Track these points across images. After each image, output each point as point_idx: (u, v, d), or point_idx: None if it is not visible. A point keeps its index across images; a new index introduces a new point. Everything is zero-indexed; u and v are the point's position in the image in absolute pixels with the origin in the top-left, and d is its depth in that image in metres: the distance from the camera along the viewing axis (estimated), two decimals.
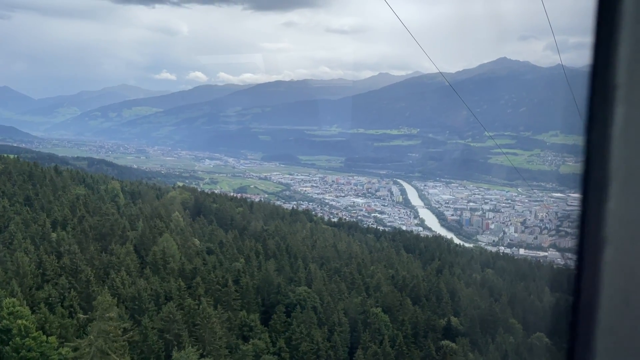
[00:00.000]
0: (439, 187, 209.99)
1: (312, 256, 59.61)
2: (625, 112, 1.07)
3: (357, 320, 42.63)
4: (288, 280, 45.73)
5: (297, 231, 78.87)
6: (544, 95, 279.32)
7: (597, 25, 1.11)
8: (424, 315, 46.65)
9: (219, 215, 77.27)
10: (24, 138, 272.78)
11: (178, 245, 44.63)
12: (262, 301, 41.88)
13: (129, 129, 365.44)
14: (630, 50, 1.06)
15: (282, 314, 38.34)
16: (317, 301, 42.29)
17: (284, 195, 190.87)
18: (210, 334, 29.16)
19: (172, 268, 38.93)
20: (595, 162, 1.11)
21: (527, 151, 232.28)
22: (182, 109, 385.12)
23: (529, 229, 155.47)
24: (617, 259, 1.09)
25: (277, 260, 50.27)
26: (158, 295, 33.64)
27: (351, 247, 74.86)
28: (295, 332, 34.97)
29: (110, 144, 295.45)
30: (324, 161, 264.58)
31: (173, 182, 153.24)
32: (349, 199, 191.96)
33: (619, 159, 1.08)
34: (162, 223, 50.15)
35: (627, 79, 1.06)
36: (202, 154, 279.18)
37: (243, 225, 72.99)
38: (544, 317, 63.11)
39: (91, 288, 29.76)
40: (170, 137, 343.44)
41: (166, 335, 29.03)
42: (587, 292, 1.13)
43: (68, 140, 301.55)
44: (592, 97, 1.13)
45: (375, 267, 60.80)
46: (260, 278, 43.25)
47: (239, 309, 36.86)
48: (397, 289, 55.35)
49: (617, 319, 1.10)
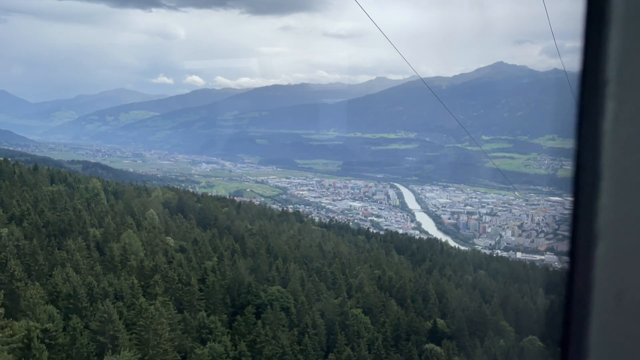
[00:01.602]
0: (436, 191, 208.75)
1: (295, 256, 56.93)
2: (616, 108, 1.07)
3: (334, 321, 39.87)
4: (263, 280, 42.99)
5: (283, 231, 76.49)
6: (541, 99, 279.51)
7: (587, 21, 1.11)
8: (408, 317, 43.83)
9: (203, 214, 74.99)
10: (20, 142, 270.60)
11: (143, 242, 41.96)
12: (232, 301, 39.12)
13: (126, 132, 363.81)
14: (620, 46, 1.06)
15: (252, 315, 35.58)
16: (290, 301, 39.57)
17: (281, 199, 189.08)
18: (155, 337, 26.32)
19: (132, 265, 36.22)
20: (587, 158, 1.11)
21: (524, 155, 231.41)
22: (179, 113, 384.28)
23: (526, 232, 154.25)
24: (609, 255, 1.09)
25: (253, 259, 47.52)
26: (106, 294, 30.84)
27: (338, 247, 72.26)
28: (261, 335, 32.17)
29: (107, 147, 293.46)
30: (321, 165, 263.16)
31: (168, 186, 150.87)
32: (345, 202, 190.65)
33: (610, 155, 1.08)
34: (133, 220, 47.46)
35: (617, 75, 1.07)
36: (199, 157, 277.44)
37: (226, 225, 70.49)
38: (537, 319, 60.57)
39: (15, 284, 26.97)
40: (167, 140, 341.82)
41: (100, 337, 26.14)
42: (579, 289, 1.13)
43: (64, 144, 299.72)
44: (582, 93, 1.13)
45: (360, 267, 58.11)
46: (231, 277, 40.50)
47: (203, 310, 34.14)
48: (382, 289, 52.66)
49: (610, 315, 1.10)
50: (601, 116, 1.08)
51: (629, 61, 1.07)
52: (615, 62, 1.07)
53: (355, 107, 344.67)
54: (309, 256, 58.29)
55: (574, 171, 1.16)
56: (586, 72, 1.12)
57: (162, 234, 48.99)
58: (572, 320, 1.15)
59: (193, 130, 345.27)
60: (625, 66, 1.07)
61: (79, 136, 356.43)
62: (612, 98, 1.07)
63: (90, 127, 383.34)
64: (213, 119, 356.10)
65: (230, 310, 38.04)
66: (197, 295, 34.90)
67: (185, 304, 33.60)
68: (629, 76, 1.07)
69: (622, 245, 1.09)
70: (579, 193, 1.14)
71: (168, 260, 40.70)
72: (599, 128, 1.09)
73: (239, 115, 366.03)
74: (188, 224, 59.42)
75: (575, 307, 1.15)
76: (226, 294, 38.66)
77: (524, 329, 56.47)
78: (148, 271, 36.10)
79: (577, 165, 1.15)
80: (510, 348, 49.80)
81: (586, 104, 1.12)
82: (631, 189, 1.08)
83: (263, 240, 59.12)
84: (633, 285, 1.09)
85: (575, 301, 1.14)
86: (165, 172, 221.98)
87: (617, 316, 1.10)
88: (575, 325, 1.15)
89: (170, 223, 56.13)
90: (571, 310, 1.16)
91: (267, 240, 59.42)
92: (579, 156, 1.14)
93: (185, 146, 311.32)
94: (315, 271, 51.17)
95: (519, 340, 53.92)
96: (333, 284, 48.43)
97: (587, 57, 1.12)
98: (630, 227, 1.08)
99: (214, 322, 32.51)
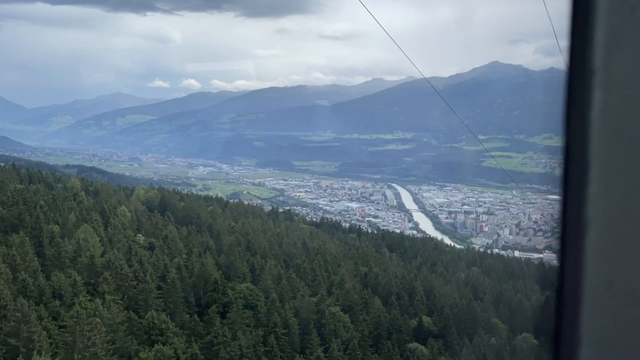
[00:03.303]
0: (433, 191, 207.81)
1: (276, 253, 54.15)
2: (603, 97, 1.07)
3: (310, 320, 37.04)
4: (236, 277, 40.12)
5: (268, 229, 73.87)
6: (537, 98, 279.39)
7: (574, 10, 1.11)
8: (390, 315, 40.95)
9: (185, 213, 72.51)
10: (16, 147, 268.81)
11: (102, 238, 39.13)
12: (198, 300, 36.31)
13: (122, 137, 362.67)
14: (606, 35, 1.06)
15: (216, 315, 32.77)
16: (261, 299, 36.74)
17: (278, 201, 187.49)
18: (82, 339, 23.38)
19: (82, 262, 33.40)
20: (575, 147, 1.11)
21: (521, 154, 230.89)
22: (176, 117, 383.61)
23: (524, 231, 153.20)
24: (599, 244, 1.09)
25: (227, 256, 44.68)
26: (42, 292, 27.92)
27: (326, 245, 69.55)
28: (219, 336, 29.32)
29: (103, 152, 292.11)
30: (319, 166, 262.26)
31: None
32: (343, 203, 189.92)
33: (598, 144, 1.08)
34: (101, 217, 44.71)
35: (604, 65, 1.07)
36: (195, 160, 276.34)
37: (209, 223, 67.87)
38: (532, 316, 57.89)
39: None
40: (164, 144, 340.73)
41: (11, 340, 23.09)
42: (570, 278, 1.13)
43: (61, 149, 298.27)
44: (569, 83, 1.13)
45: (345, 264, 55.29)
46: (198, 274, 37.66)
47: (161, 309, 31.31)
48: (367, 287, 49.89)
49: (602, 303, 1.10)
50: (589, 106, 1.08)
51: (616, 50, 1.06)
52: (602, 51, 1.07)
53: (351, 109, 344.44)
54: (291, 253, 55.49)
55: (563, 161, 1.15)
56: (573, 61, 1.12)
57: (127, 230, 46.13)
58: (564, 309, 1.15)
59: (190, 134, 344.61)
60: (612, 55, 1.06)
61: (75, 141, 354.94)
62: (599, 87, 1.07)
63: (87, 132, 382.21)
64: (210, 122, 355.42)
65: (195, 309, 35.26)
66: (154, 294, 32.05)
67: (140, 303, 30.79)
68: (616, 65, 1.06)
69: (611, 234, 1.08)
70: (567, 182, 1.14)
71: (127, 257, 37.78)
72: (586, 117, 1.09)
73: (235, 118, 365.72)
74: (163, 221, 56.70)
75: (566, 297, 1.14)
76: (191, 292, 35.92)
77: (518, 326, 53.88)
78: (99, 268, 33.16)
79: (566, 155, 1.14)
80: (502, 346, 46.96)
81: (573, 93, 1.12)
82: (620, 178, 1.08)
83: (243, 237, 56.34)
84: (623, 273, 1.09)
85: (567, 290, 1.14)
86: (162, 176, 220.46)
87: (608, 304, 1.10)
88: (567, 315, 1.14)
89: (144, 220, 53.39)
90: (563, 300, 1.16)
91: (247, 238, 56.63)
92: (567, 146, 1.14)
93: (182, 149, 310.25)
94: (295, 268, 48.36)
95: (511, 338, 51.21)
96: (313, 281, 45.63)
97: (574, 47, 1.11)
98: (620, 216, 1.08)
99: (166, 322, 29.52)
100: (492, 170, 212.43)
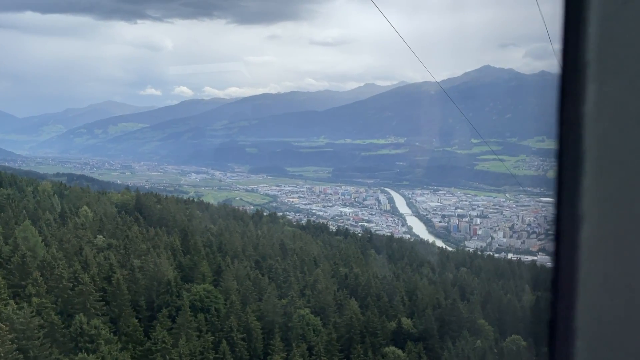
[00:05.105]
0: (426, 195, 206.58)
1: (249, 254, 51.04)
2: (597, 89, 1.07)
3: (275, 324, 33.88)
4: (196, 279, 36.97)
5: (248, 231, 70.83)
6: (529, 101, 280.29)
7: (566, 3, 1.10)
8: (364, 317, 37.81)
9: (160, 215, 69.58)
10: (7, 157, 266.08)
11: (46, 236, 36.02)
12: (150, 303, 33.10)
13: (115, 145, 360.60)
14: (600, 27, 1.06)
15: (166, 319, 29.61)
16: (220, 302, 33.59)
17: (271, 207, 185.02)
18: None
19: (14, 262, 30.18)
20: (569, 140, 1.11)
21: (514, 157, 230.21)
22: (169, 124, 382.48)
23: (517, 233, 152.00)
24: (595, 237, 1.09)
25: (192, 256, 41.53)
26: None
27: (307, 246, 66.44)
28: (158, 342, 26.13)
29: (95, 160, 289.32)
30: (312, 172, 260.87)
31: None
32: (336, 208, 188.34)
33: (592, 136, 1.08)
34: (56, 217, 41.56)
35: (597, 56, 1.06)
36: (188, 168, 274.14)
37: (183, 225, 64.82)
38: (522, 318, 54.86)
39: None
40: (156, 152, 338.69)
41: None
42: (566, 271, 1.13)
43: (52, 158, 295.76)
44: (563, 75, 1.12)
45: (323, 265, 52.19)
46: (151, 276, 34.48)
47: (102, 313, 28.15)
48: (346, 288, 46.79)
49: (597, 295, 1.10)
50: (582, 97, 1.08)
51: (609, 42, 1.06)
52: (595, 43, 1.06)
53: (344, 114, 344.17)
54: (266, 254, 52.36)
55: (557, 153, 1.14)
56: (567, 54, 1.11)
57: (86, 231, 42.99)
58: (560, 302, 1.15)
59: (182, 141, 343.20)
60: (605, 48, 1.06)
61: (67, 150, 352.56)
62: (592, 79, 1.07)
63: (78, 141, 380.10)
64: (202, 129, 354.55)
65: (147, 313, 32.05)
66: (94, 296, 28.84)
67: (76, 307, 27.60)
68: (610, 57, 1.06)
69: (607, 226, 1.08)
70: (562, 176, 1.13)
71: (70, 257, 34.55)
72: (580, 110, 1.08)
73: (228, 125, 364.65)
74: (128, 222, 53.56)
75: (561, 291, 1.14)
76: (142, 294, 32.72)
77: (508, 328, 50.89)
78: (31, 269, 29.91)
79: (560, 148, 1.13)
80: (488, 349, 43.84)
81: (567, 85, 1.11)
82: (614, 170, 1.07)
83: (215, 238, 53.19)
84: (619, 265, 1.08)
85: (562, 284, 1.14)
86: (154, 183, 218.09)
87: (603, 298, 1.09)
88: (562, 308, 1.14)
89: (106, 221, 50.22)
90: (558, 294, 1.15)
91: (220, 239, 53.51)
92: (562, 138, 1.13)
93: (175, 157, 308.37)
94: (267, 269, 45.22)
95: (500, 340, 48.18)
96: (284, 282, 42.49)
97: (567, 39, 1.11)
98: (614, 208, 1.08)
99: (97, 327, 26.24)
100: (485, 173, 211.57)
